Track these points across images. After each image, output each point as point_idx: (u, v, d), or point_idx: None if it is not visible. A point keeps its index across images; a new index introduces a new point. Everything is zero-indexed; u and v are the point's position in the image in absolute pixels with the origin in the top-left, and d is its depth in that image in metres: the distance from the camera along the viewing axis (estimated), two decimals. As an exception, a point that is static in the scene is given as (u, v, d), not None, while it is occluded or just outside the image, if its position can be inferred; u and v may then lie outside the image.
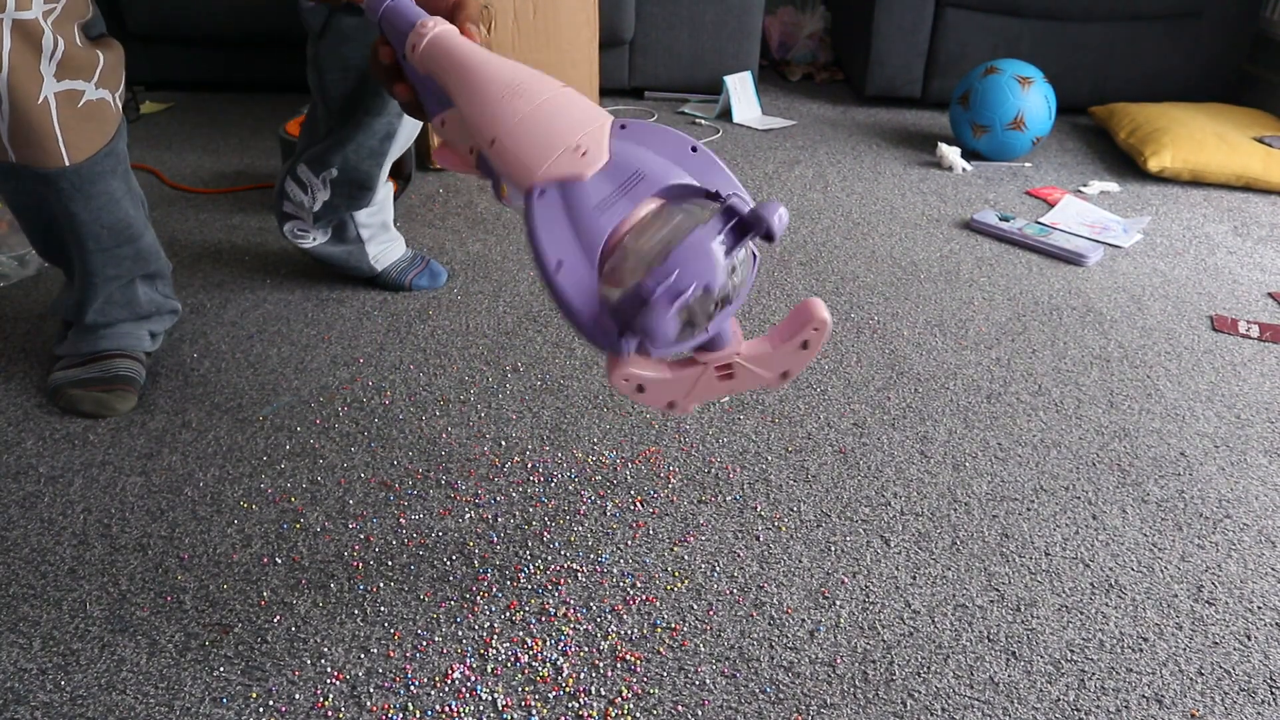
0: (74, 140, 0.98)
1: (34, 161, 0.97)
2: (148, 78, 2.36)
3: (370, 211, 1.35)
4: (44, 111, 0.94)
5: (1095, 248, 1.59)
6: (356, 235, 1.36)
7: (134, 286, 1.15)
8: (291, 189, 1.28)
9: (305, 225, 1.33)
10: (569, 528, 0.95)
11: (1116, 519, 0.98)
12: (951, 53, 2.35)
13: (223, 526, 0.94)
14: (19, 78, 0.91)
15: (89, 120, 0.99)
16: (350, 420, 1.11)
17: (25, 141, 0.95)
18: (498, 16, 1.83)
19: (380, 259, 1.39)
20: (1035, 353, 1.29)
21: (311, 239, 1.34)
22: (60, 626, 0.82)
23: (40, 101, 0.93)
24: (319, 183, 1.25)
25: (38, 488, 0.98)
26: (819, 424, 1.12)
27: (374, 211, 1.36)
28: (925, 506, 0.99)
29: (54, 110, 0.95)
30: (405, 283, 1.41)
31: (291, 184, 1.28)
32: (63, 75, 0.95)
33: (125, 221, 1.08)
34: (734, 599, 0.86)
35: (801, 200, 1.82)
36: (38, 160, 0.97)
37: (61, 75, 0.95)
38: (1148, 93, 2.33)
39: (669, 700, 0.76)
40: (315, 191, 1.26)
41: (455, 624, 0.83)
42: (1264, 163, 1.89)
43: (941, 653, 0.81)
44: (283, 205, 1.31)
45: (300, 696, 0.76)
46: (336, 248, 1.37)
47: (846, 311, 1.39)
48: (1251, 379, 1.24)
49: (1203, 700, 0.78)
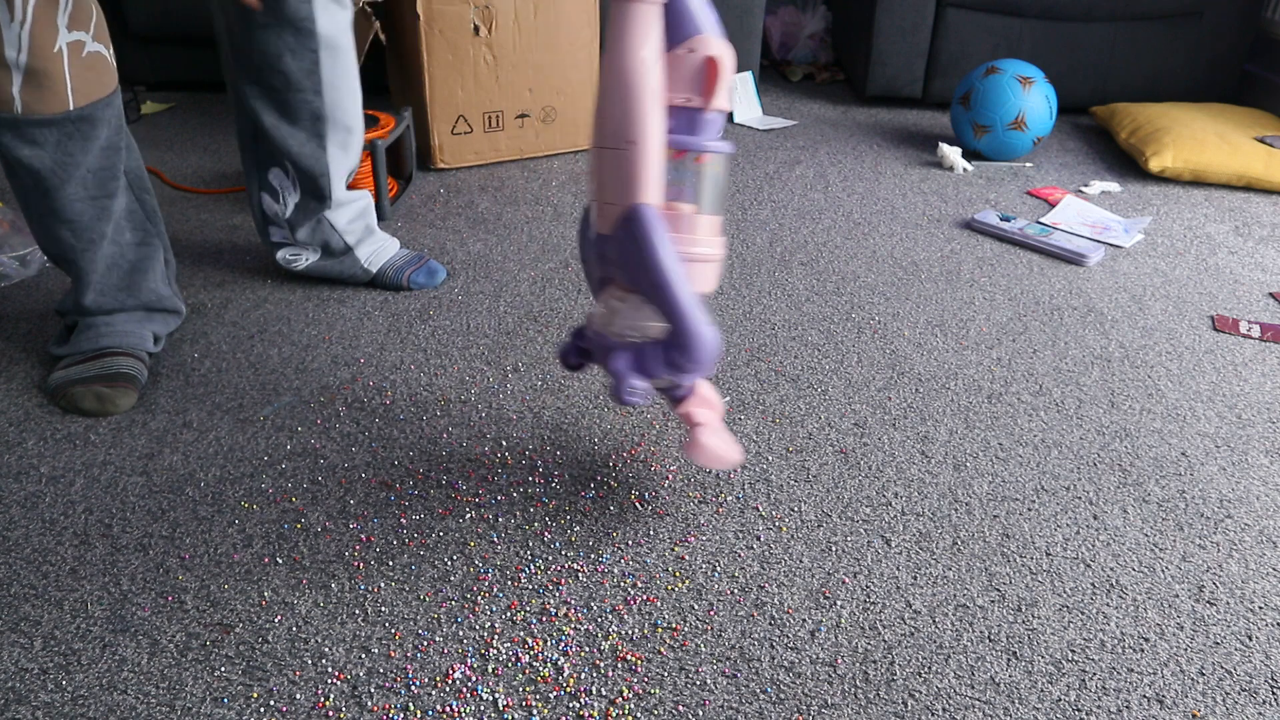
0: (79, 86, 1.02)
1: (41, 107, 1.01)
2: (149, 78, 2.36)
3: (350, 218, 1.36)
4: (58, 60, 0.99)
5: (1096, 248, 1.59)
6: (344, 245, 1.37)
7: (132, 270, 1.16)
8: (268, 203, 1.31)
9: (295, 249, 1.36)
10: (569, 528, 0.95)
11: (1117, 519, 0.98)
12: (952, 53, 2.35)
13: (224, 526, 0.94)
14: (40, 28, 0.97)
15: (90, 70, 1.03)
16: (351, 420, 1.11)
17: (37, 87, 0.99)
18: (498, 16, 1.83)
19: (373, 260, 1.40)
20: (1036, 353, 1.29)
21: (304, 260, 1.37)
22: (61, 626, 0.82)
23: (55, 50, 0.99)
24: (289, 183, 1.27)
25: (39, 488, 0.99)
26: (820, 424, 1.12)
27: (354, 218, 1.37)
28: (926, 506, 0.99)
29: (65, 59, 1.00)
30: (403, 281, 1.41)
31: (266, 197, 1.30)
32: (73, 26, 1.00)
33: (112, 172, 1.10)
34: (735, 599, 0.86)
35: (802, 200, 1.82)
36: (46, 105, 1.01)
37: (72, 26, 1.00)
38: (1149, 93, 2.33)
39: (670, 700, 0.76)
40: (286, 195, 1.28)
41: (456, 624, 0.83)
42: (1265, 163, 1.88)
43: (942, 653, 0.81)
44: (268, 229, 1.35)
45: (301, 696, 0.76)
46: (328, 262, 1.39)
47: (847, 311, 1.39)
48: (1253, 379, 1.24)
49: (1204, 700, 0.77)
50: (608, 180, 0.82)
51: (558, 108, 1.98)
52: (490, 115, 1.92)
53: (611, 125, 0.80)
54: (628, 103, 0.79)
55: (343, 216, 1.36)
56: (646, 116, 0.79)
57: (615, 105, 0.79)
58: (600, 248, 0.86)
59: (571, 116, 2.00)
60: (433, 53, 1.81)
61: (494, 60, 1.87)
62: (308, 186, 1.28)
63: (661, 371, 0.84)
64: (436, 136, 1.89)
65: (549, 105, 1.97)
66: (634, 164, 0.80)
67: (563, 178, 1.91)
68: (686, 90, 0.82)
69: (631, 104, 0.78)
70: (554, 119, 1.99)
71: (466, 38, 1.82)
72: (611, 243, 0.83)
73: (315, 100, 1.22)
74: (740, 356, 1.26)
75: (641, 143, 0.79)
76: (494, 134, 1.95)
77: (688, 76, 0.82)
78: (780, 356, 1.27)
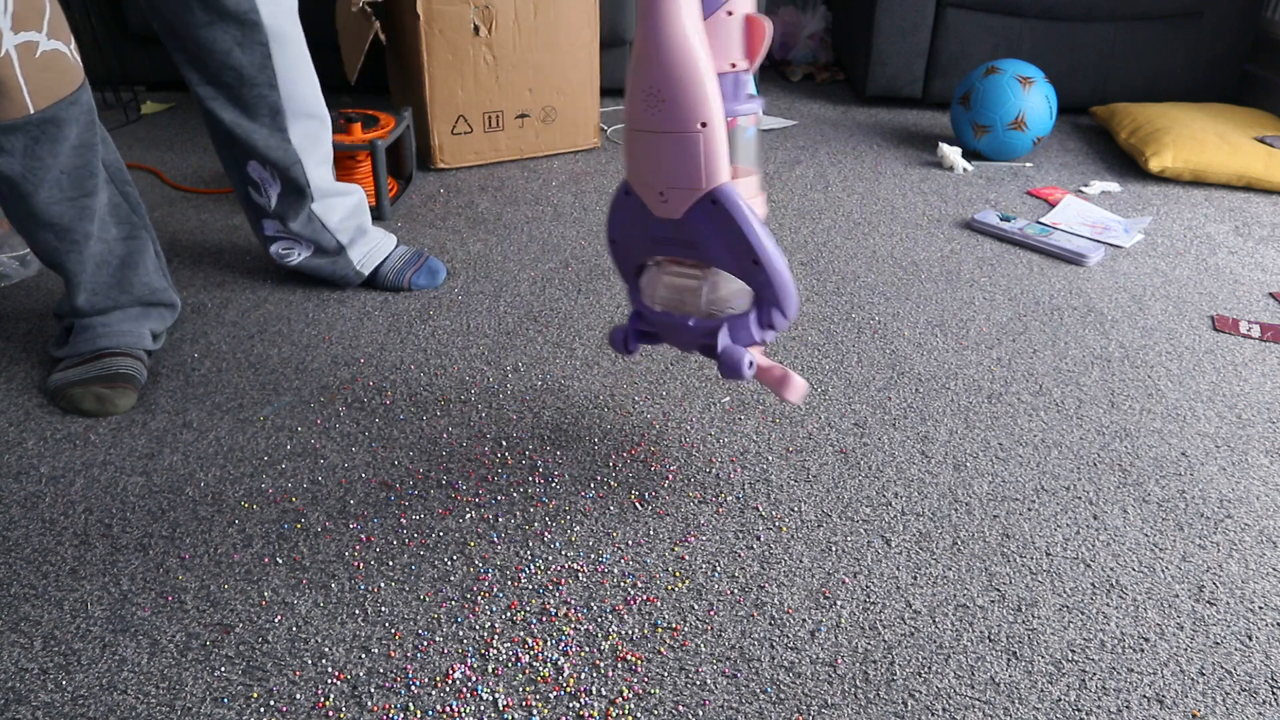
0: (36, 90, 0.99)
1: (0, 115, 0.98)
2: (148, 78, 2.36)
3: (342, 216, 1.34)
4: (8, 65, 0.96)
5: (1096, 248, 1.59)
6: (336, 245, 1.35)
7: (122, 266, 1.15)
8: (253, 196, 1.29)
9: (289, 243, 1.34)
10: (569, 528, 0.95)
11: (1117, 519, 0.98)
12: (952, 53, 2.35)
13: (224, 526, 0.94)
14: None
15: (47, 70, 1.00)
16: (351, 420, 1.11)
17: None
18: (498, 16, 1.83)
19: (366, 263, 1.39)
20: (1036, 353, 1.29)
21: (296, 255, 1.35)
22: (61, 626, 0.82)
23: (3, 55, 0.95)
24: (267, 175, 1.25)
25: (39, 488, 0.99)
26: (820, 424, 1.12)
27: (346, 216, 1.35)
28: (926, 506, 0.99)
29: (16, 62, 0.96)
30: (403, 283, 1.40)
31: (250, 191, 1.28)
32: (19, 27, 0.96)
33: (89, 170, 1.08)
34: (735, 599, 0.86)
35: (802, 200, 1.82)
36: (3, 112, 0.98)
37: (18, 27, 0.96)
38: (1149, 93, 2.33)
39: (670, 700, 0.76)
40: (268, 186, 1.26)
41: (456, 624, 0.83)
42: (1265, 163, 1.88)
43: (942, 653, 0.81)
44: (260, 223, 1.32)
45: (301, 696, 0.76)
46: (320, 260, 1.37)
47: (847, 311, 1.39)
48: (1253, 379, 1.24)
49: (1204, 700, 0.77)
50: (675, 164, 0.78)
51: (558, 108, 1.98)
52: (490, 115, 1.92)
53: (677, 108, 0.75)
54: (692, 83, 0.74)
55: (334, 214, 1.33)
56: (713, 95, 0.76)
57: (677, 86, 0.75)
58: (656, 231, 0.84)
59: (571, 116, 2.00)
60: (433, 53, 1.81)
61: (494, 60, 1.87)
62: (283, 178, 1.26)
63: (757, 337, 0.86)
64: (436, 136, 1.89)
65: (549, 105, 1.97)
66: (710, 146, 0.77)
67: (563, 178, 1.91)
68: (732, 55, 0.80)
69: (697, 84, 0.75)
70: (554, 119, 1.99)
71: (466, 38, 1.82)
72: (681, 226, 0.82)
73: (271, 94, 1.18)
74: (740, 356, 1.26)
75: (713, 123, 0.76)
76: (494, 134, 1.95)
77: (732, 40, 0.79)
78: (780, 356, 1.27)
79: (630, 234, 0.88)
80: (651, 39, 0.75)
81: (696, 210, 0.80)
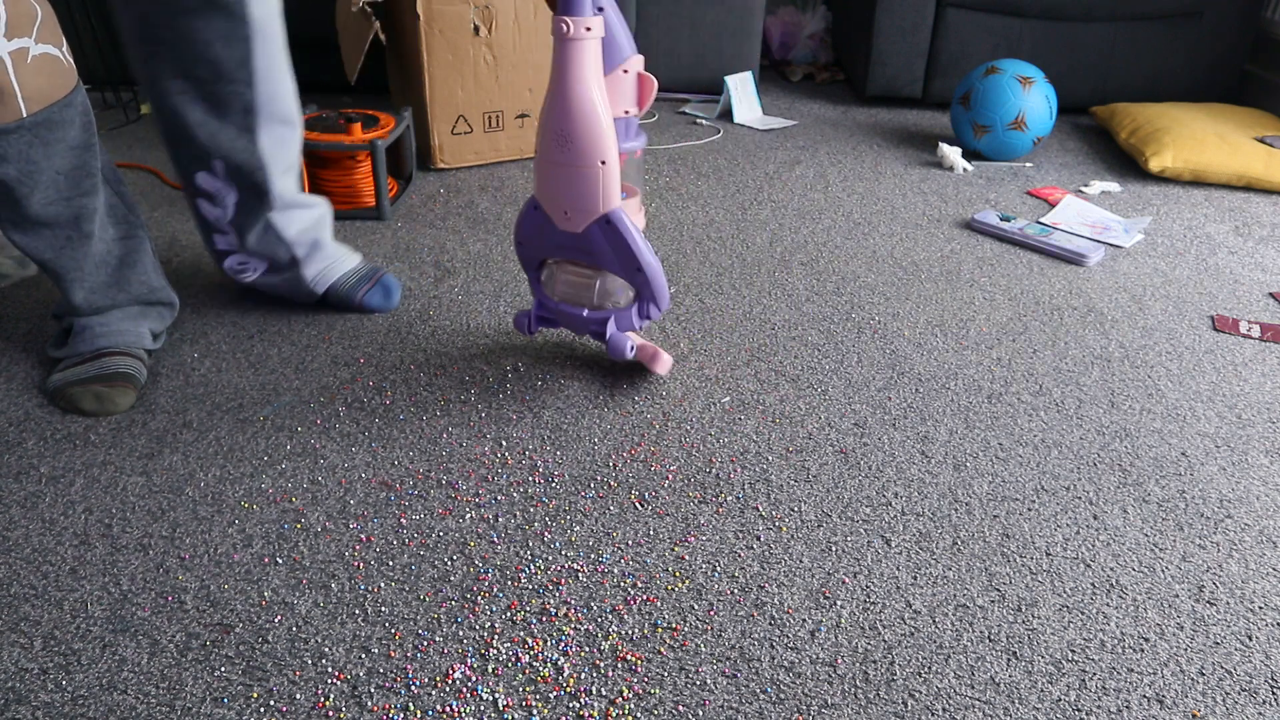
0: (30, 94, 0.99)
1: None
2: (149, 78, 2.35)
3: (301, 228, 1.28)
4: (2, 72, 0.95)
5: (1096, 248, 1.59)
6: (290, 258, 1.29)
7: (120, 265, 1.15)
8: (205, 208, 1.22)
9: (243, 257, 1.28)
10: (569, 528, 0.95)
11: (1117, 519, 0.98)
12: (952, 53, 2.35)
13: (224, 526, 0.94)
14: None
15: (39, 74, 0.99)
16: (351, 420, 1.11)
17: None
18: (498, 16, 1.83)
19: (320, 280, 1.32)
20: (1036, 353, 1.29)
21: (251, 271, 1.29)
22: (61, 626, 0.82)
23: None
24: (220, 183, 1.19)
25: (39, 488, 0.99)
26: (820, 424, 1.12)
27: (305, 229, 1.28)
28: (926, 506, 0.99)
29: (10, 68, 0.96)
30: (356, 301, 1.33)
31: (202, 203, 1.22)
32: (12, 34, 0.96)
33: (86, 170, 1.07)
34: (735, 599, 0.86)
35: (802, 200, 1.82)
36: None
37: (11, 34, 0.96)
38: (1149, 93, 2.33)
39: (670, 700, 0.76)
40: (224, 196, 1.21)
41: (456, 624, 0.83)
42: (1265, 163, 1.88)
43: (942, 653, 0.81)
44: (211, 237, 1.26)
45: (301, 696, 0.76)
46: (274, 277, 1.31)
47: (847, 311, 1.39)
48: (1253, 379, 1.24)
49: (1204, 700, 0.77)
50: (578, 191, 0.99)
51: (558, 108, 1.98)
52: (490, 115, 1.92)
53: (582, 149, 0.96)
54: (595, 130, 0.95)
55: (293, 225, 1.26)
56: (610, 139, 0.96)
57: (583, 132, 0.95)
58: (558, 239, 1.06)
59: (571, 116, 2.00)
60: (433, 53, 1.81)
61: (494, 60, 1.87)
62: (244, 183, 1.19)
63: (638, 324, 1.09)
64: (436, 136, 1.89)
65: (549, 105, 1.96)
66: (608, 179, 0.98)
67: (563, 178, 1.91)
68: (627, 104, 1.01)
69: (599, 130, 0.95)
70: (554, 119, 1.99)
71: (466, 38, 1.82)
72: (579, 238, 1.04)
73: (247, 92, 1.13)
74: (740, 357, 1.26)
75: (610, 161, 0.97)
76: (494, 134, 1.95)
77: (626, 92, 1.01)
78: (780, 356, 1.27)
79: (535, 239, 1.08)
80: (562, 91, 0.94)
81: (594, 227, 1.02)
